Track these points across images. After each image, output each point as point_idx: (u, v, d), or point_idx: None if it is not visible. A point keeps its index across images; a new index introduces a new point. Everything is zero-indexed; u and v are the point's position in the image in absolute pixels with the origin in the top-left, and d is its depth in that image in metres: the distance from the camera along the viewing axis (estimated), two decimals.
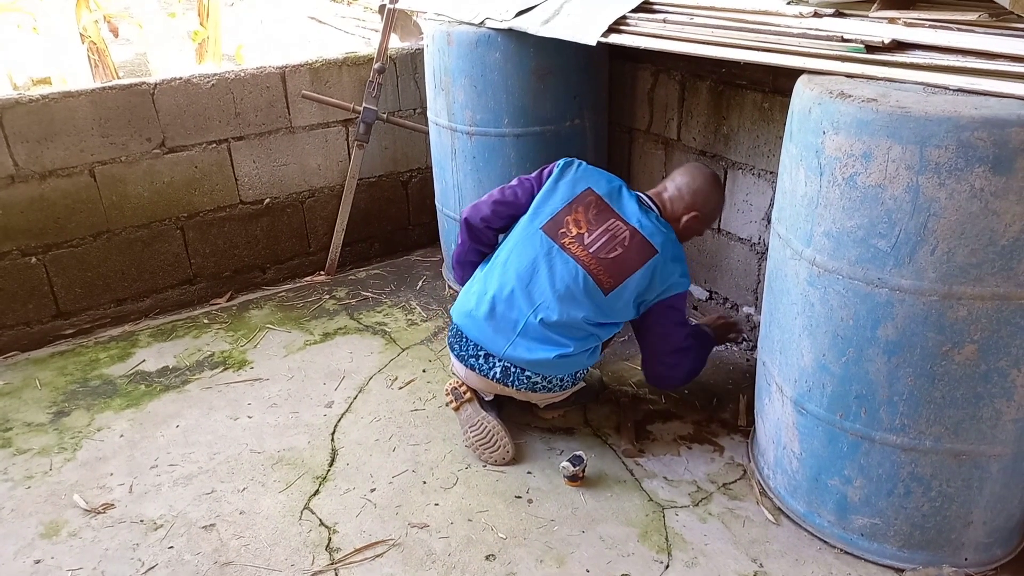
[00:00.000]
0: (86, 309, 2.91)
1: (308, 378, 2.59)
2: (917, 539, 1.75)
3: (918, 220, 1.46)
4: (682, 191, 2.18)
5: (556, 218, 2.09)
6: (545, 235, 2.08)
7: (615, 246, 2.04)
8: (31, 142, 2.62)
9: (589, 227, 2.07)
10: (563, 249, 2.05)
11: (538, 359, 2.03)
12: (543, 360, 2.03)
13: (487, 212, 2.20)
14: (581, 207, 2.10)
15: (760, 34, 1.81)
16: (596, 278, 2.03)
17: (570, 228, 2.07)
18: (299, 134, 3.16)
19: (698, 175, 2.21)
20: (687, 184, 2.19)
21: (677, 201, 2.18)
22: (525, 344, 2.03)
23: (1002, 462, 1.64)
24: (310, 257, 3.37)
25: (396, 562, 1.83)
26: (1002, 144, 1.35)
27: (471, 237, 2.26)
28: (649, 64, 2.82)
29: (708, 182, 2.21)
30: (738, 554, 1.84)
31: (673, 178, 2.23)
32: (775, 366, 1.88)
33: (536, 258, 2.06)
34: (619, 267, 2.03)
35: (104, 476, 2.14)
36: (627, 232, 2.06)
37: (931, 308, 1.51)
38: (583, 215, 2.08)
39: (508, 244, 2.14)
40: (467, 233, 2.25)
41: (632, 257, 2.03)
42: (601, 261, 2.03)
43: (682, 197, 2.18)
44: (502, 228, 2.22)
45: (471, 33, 2.54)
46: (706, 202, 2.20)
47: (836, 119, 1.51)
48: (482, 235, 2.24)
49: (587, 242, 2.05)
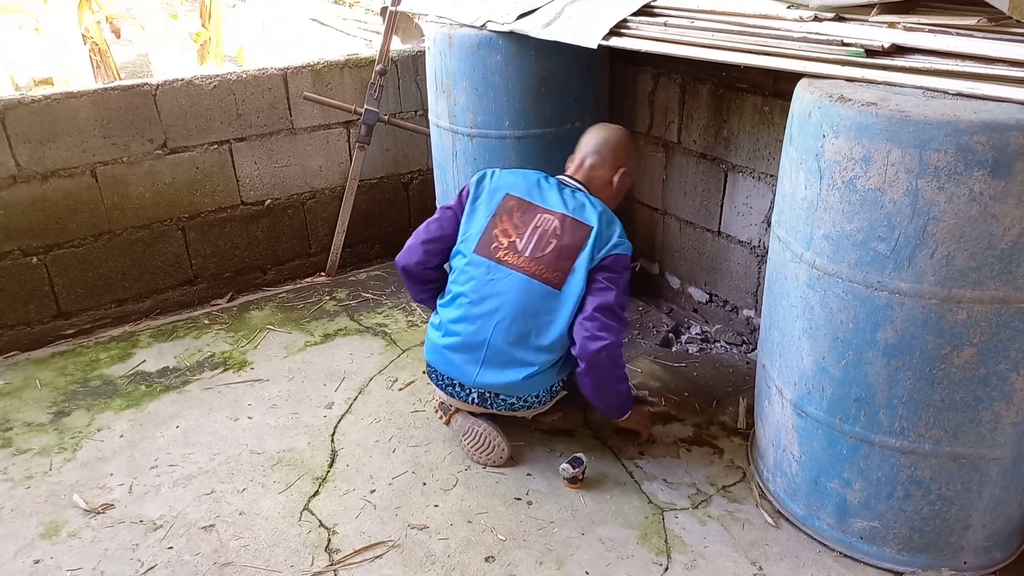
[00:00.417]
0: (87, 309, 2.91)
1: (308, 379, 2.59)
2: (916, 542, 1.75)
3: (917, 223, 1.46)
4: (602, 153, 2.14)
5: (484, 237, 2.05)
6: (480, 257, 2.04)
7: (548, 239, 2.01)
8: (33, 142, 2.63)
9: (518, 232, 2.03)
10: (501, 264, 2.02)
11: (507, 382, 2.02)
12: (513, 383, 2.02)
13: (419, 255, 2.16)
14: (504, 215, 2.06)
15: (761, 38, 1.81)
16: (542, 278, 1.99)
17: (501, 240, 2.04)
18: (300, 135, 3.17)
19: (608, 132, 2.18)
20: (603, 144, 2.15)
21: (600, 167, 2.14)
22: (492, 371, 2.02)
23: (1001, 465, 1.64)
24: (311, 258, 3.37)
25: (396, 563, 1.83)
26: (1001, 148, 1.35)
27: (414, 280, 2.22)
28: (650, 67, 2.82)
29: (621, 134, 2.19)
30: (737, 557, 1.84)
31: (584, 147, 2.17)
32: (775, 369, 1.88)
33: (480, 283, 2.03)
34: (559, 257, 1.99)
35: (104, 476, 2.15)
36: (556, 221, 2.02)
37: (930, 311, 1.51)
38: (509, 222, 2.05)
39: (453, 275, 2.11)
40: (407, 279, 2.23)
41: (568, 244, 1.99)
42: (540, 260, 1.99)
43: (604, 159, 2.14)
44: (440, 263, 2.19)
45: (472, 36, 2.55)
46: (628, 154, 2.18)
47: (836, 123, 1.52)
48: (423, 276, 2.20)
49: (520, 247, 2.01)
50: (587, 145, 2.19)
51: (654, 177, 2.96)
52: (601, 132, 2.20)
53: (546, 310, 1.99)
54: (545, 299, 1.99)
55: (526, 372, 2.01)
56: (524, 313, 1.99)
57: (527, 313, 1.99)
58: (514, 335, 2.00)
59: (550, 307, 1.99)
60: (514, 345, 2.00)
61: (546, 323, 2.00)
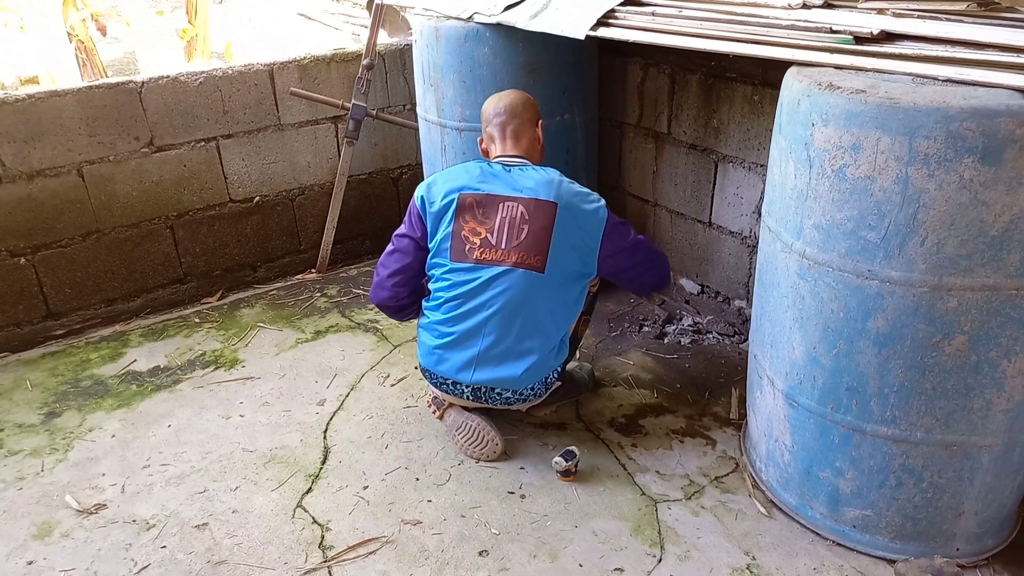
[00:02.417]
0: (76, 309, 2.89)
1: (300, 376, 2.58)
2: (909, 530, 1.75)
3: (907, 212, 1.46)
4: (518, 114, 2.10)
5: (455, 243, 2.01)
6: (459, 263, 2.01)
7: (520, 226, 1.98)
8: (18, 142, 2.60)
9: (486, 227, 2.00)
10: (481, 263, 1.99)
11: (505, 376, 2.02)
12: (511, 376, 2.01)
13: (388, 292, 2.16)
14: (467, 215, 2.01)
15: (749, 26, 1.80)
16: (526, 265, 1.97)
17: (472, 240, 2.00)
18: (288, 132, 3.15)
19: (509, 96, 2.14)
20: (512, 107, 2.10)
21: (522, 128, 2.11)
22: (488, 367, 2.02)
23: (993, 453, 1.65)
24: (301, 255, 3.36)
25: (389, 559, 1.83)
26: (991, 134, 1.35)
27: (392, 312, 2.23)
28: (639, 58, 2.81)
29: (517, 93, 2.16)
30: (730, 547, 1.84)
31: (498, 118, 2.11)
32: (766, 359, 1.88)
33: (466, 284, 2.01)
34: (536, 240, 1.97)
35: (96, 476, 2.13)
36: (520, 206, 1.98)
37: (921, 300, 1.51)
38: (473, 221, 2.01)
39: (437, 283, 2.07)
40: (386, 311, 2.24)
41: (539, 225, 1.97)
42: (518, 248, 1.97)
43: (523, 119, 2.11)
44: (412, 291, 2.17)
45: (459, 28, 2.53)
46: (534, 105, 2.16)
47: (825, 111, 1.51)
48: (399, 305, 2.19)
49: (495, 241, 1.99)
50: (497, 116, 2.12)
51: (644, 168, 2.95)
52: (503, 99, 2.13)
53: (535, 295, 1.99)
54: (532, 285, 1.98)
55: (525, 365, 2.01)
56: (515, 303, 1.99)
57: (518, 303, 1.99)
58: (507, 327, 1.99)
59: (538, 291, 1.99)
60: (508, 338, 2.00)
61: (538, 308, 2.00)
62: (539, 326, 2.01)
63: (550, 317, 2.02)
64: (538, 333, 2.02)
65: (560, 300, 2.03)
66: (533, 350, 2.01)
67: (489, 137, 2.15)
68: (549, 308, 2.01)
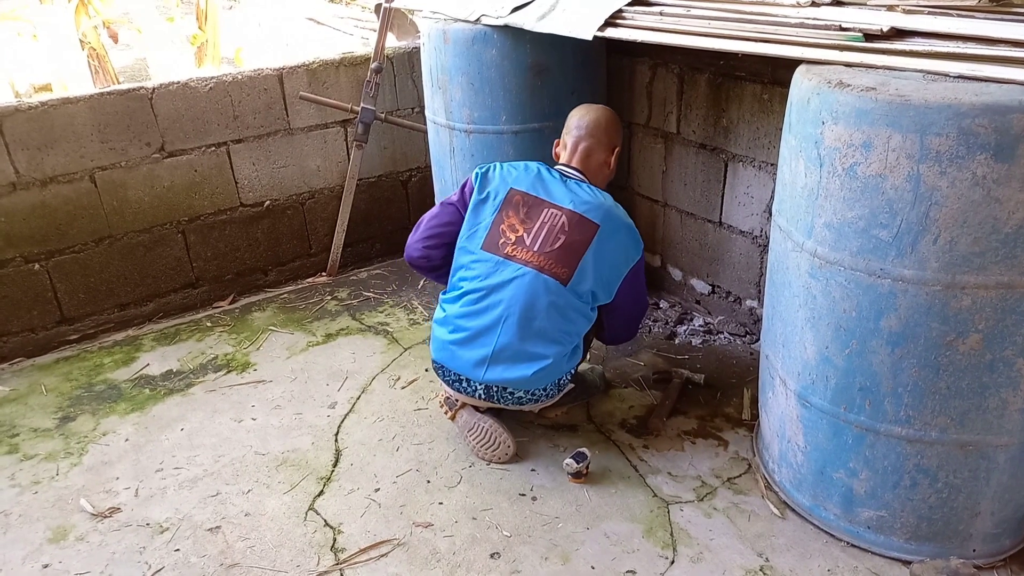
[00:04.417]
0: (90, 314, 2.91)
1: (311, 379, 2.59)
2: (924, 531, 1.74)
3: (920, 209, 1.44)
4: (596, 136, 2.12)
5: (491, 233, 2.06)
6: (488, 253, 2.05)
7: (557, 235, 2.01)
8: (31, 149, 2.63)
9: (526, 227, 2.03)
10: (509, 259, 2.02)
11: (516, 377, 2.02)
12: (522, 378, 2.02)
13: (419, 251, 2.23)
14: (511, 210, 2.06)
15: (757, 25, 1.80)
16: (551, 273, 1.99)
17: (508, 236, 2.04)
18: (298, 135, 3.16)
19: (596, 112, 2.16)
20: (595, 126, 2.13)
21: (597, 149, 2.13)
22: (500, 367, 2.02)
23: (1009, 452, 1.63)
24: (311, 258, 3.37)
25: (401, 561, 1.83)
26: (1004, 131, 1.33)
27: (421, 270, 2.31)
28: (647, 58, 2.80)
29: (608, 113, 2.18)
30: (744, 548, 1.83)
31: (576, 131, 2.14)
32: (778, 359, 1.87)
33: (488, 278, 2.03)
34: (568, 253, 1.99)
35: (110, 480, 2.15)
36: (564, 216, 2.02)
37: (934, 298, 1.49)
38: (515, 217, 2.05)
39: (459, 271, 2.11)
40: (415, 268, 2.31)
41: (576, 240, 2.00)
42: (549, 255, 2.00)
43: (600, 142, 2.13)
44: (444, 255, 2.20)
45: (467, 30, 2.53)
46: (618, 132, 2.18)
47: (835, 109, 1.50)
48: (428, 266, 2.26)
49: (528, 242, 2.02)
50: (578, 129, 2.15)
51: (654, 169, 2.94)
52: (590, 113, 2.16)
53: (554, 304, 2.00)
54: (553, 293, 2.00)
55: (536, 368, 2.00)
56: (533, 307, 1.99)
57: (536, 307, 1.99)
58: (523, 329, 2.00)
59: (558, 301, 2.00)
60: (523, 340, 2.00)
61: (554, 317, 2.00)
62: (554, 332, 2.02)
63: (567, 324, 2.04)
64: (553, 339, 2.02)
65: (579, 310, 2.05)
66: (547, 354, 2.01)
67: (563, 144, 2.19)
68: (567, 318, 2.03)
